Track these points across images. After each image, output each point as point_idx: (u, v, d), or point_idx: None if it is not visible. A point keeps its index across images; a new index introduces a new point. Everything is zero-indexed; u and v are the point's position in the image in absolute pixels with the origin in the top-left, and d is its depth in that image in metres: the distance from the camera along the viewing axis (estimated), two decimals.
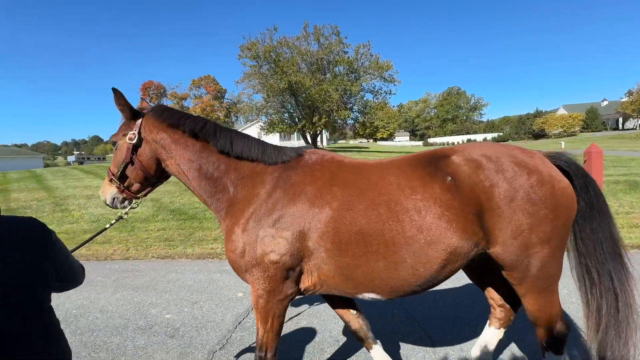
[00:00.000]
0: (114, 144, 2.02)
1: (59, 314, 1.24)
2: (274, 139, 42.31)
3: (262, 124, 30.16)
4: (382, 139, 74.42)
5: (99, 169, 18.73)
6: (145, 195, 2.09)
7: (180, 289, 4.18)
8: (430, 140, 73.90)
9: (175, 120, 1.94)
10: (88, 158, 69.50)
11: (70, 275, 1.35)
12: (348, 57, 27.26)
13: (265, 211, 1.75)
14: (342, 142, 75.43)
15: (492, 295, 2.17)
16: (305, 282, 1.78)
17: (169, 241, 6.64)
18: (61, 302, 3.97)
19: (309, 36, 27.80)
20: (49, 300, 1.23)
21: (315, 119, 27.29)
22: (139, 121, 1.94)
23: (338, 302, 2.15)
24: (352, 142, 77.76)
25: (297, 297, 1.87)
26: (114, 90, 1.92)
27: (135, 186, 2.02)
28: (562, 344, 1.80)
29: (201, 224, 7.82)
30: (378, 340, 2.22)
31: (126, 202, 2.05)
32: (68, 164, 61.28)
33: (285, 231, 1.69)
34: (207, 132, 1.92)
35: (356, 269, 1.67)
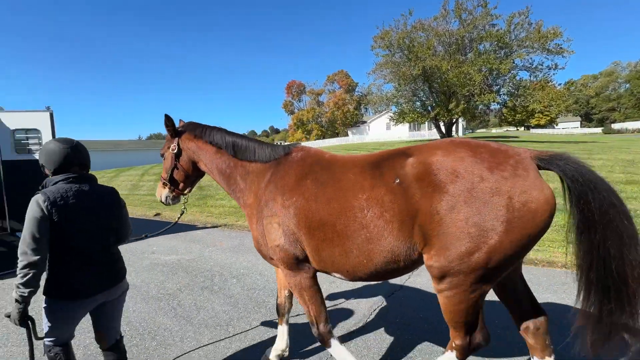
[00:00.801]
0: (162, 155, 2.60)
1: (231, 270, 1.59)
2: (402, 129, 41.13)
3: (391, 115, 29.63)
4: (539, 125, 60.86)
5: None
6: (190, 191, 2.64)
7: None
8: (616, 125, 55.47)
9: (199, 132, 2.46)
10: None
11: (125, 225, 2.15)
12: (497, 31, 23.20)
13: (264, 203, 2.09)
14: (481, 131, 65.87)
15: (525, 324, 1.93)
16: (310, 261, 2.04)
17: None
18: (232, 262, 5.02)
19: (449, 14, 25.12)
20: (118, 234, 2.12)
21: (451, 105, 24.72)
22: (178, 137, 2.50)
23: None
24: (495, 131, 66.82)
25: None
26: (166, 115, 2.46)
27: (181, 185, 2.56)
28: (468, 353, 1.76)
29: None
30: (288, 325, 2.55)
31: (176, 199, 2.62)
32: None
33: (277, 218, 2.01)
34: (217, 139, 2.39)
35: (321, 251, 1.91)
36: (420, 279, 3.94)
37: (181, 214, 2.87)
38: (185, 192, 2.62)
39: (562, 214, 1.62)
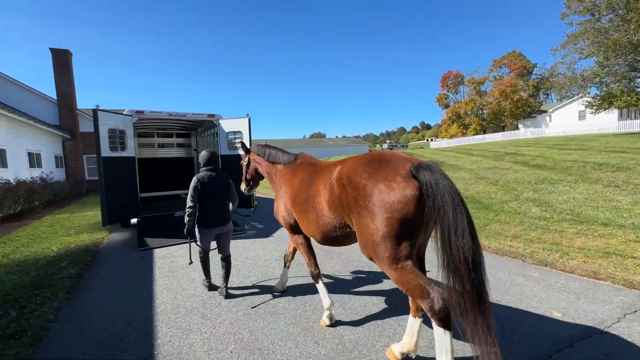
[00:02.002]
0: (241, 165, 4.34)
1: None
2: (606, 119, 30.09)
3: (589, 99, 22.38)
4: None
5: (404, 154, 22.29)
6: (256, 186, 4.39)
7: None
8: None
9: (256, 150, 4.08)
10: (395, 145, 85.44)
11: (234, 196, 4.08)
12: None
13: (279, 190, 3.47)
14: None
15: None
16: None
17: None
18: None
19: None
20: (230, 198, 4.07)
21: None
22: (249, 154, 4.21)
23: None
24: None
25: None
26: (241, 143, 4.25)
27: (252, 182, 4.29)
28: (440, 320, 1.98)
29: (497, 216, 7.14)
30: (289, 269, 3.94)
31: (250, 191, 4.33)
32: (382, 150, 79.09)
33: (282, 199, 3.32)
34: (263, 153, 3.95)
35: (300, 221, 3.04)
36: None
37: (255, 209, 5.38)
38: (255, 187, 4.36)
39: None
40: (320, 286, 3.19)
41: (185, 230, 3.75)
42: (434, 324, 2.00)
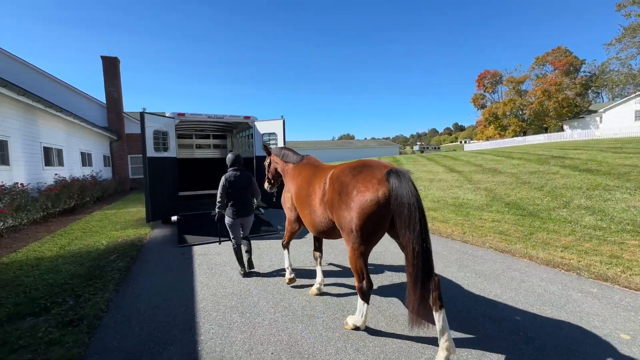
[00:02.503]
0: (263, 165, 5.14)
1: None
2: None
3: None
4: None
5: (437, 156, 21.56)
6: (277, 185, 4.87)
7: (528, 293, 3.73)
8: None
9: (275, 151, 4.58)
10: (427, 147, 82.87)
11: (255, 191, 4.80)
12: None
13: (287, 185, 4.16)
14: None
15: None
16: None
17: (504, 235, 6.25)
18: None
19: None
20: (252, 195, 4.83)
21: None
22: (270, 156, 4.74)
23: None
24: None
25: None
26: (265, 146, 4.71)
27: (272, 181, 4.81)
28: (363, 295, 2.87)
29: (544, 224, 6.65)
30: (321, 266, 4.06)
31: (272, 189, 4.86)
32: (413, 152, 76.56)
33: (288, 194, 4.02)
34: (280, 154, 4.48)
35: (300, 214, 3.67)
36: None
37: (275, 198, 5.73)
38: (276, 185, 4.84)
39: None
40: (285, 253, 4.27)
41: (216, 217, 4.69)
42: (358, 297, 2.93)
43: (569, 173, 10.62)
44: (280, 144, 8.06)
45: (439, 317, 2.41)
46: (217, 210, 4.62)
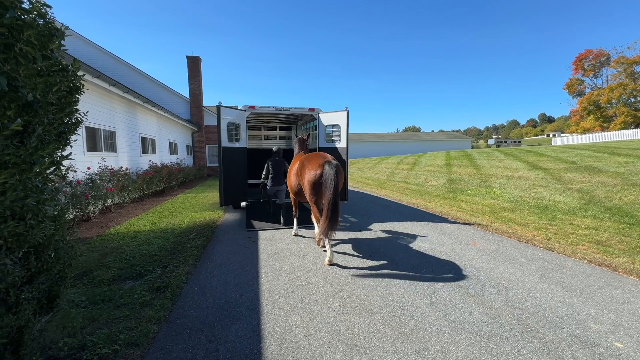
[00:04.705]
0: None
1: (489, 277, 1.42)
2: None
3: None
4: None
5: (517, 151, 19.13)
6: None
7: (634, 318, 3.11)
8: None
9: (295, 142, 6.97)
10: (505, 141, 74.35)
11: (285, 170, 7.49)
12: None
13: (292, 168, 6.01)
14: None
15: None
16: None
17: (603, 245, 5.29)
18: (490, 268, 4.47)
19: None
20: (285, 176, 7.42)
21: None
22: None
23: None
24: None
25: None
26: (299, 138, 6.93)
27: None
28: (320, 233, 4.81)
29: None
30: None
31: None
32: (487, 146, 69.17)
33: (290, 174, 5.98)
34: (295, 146, 6.90)
35: (295, 190, 5.75)
36: None
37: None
38: None
39: None
40: (294, 225, 6.37)
41: (261, 184, 7.56)
42: (322, 235, 4.59)
43: None
44: (344, 136, 8.04)
45: (327, 242, 4.58)
46: (262, 180, 7.47)
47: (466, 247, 5.46)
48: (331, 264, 4.61)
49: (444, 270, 4.42)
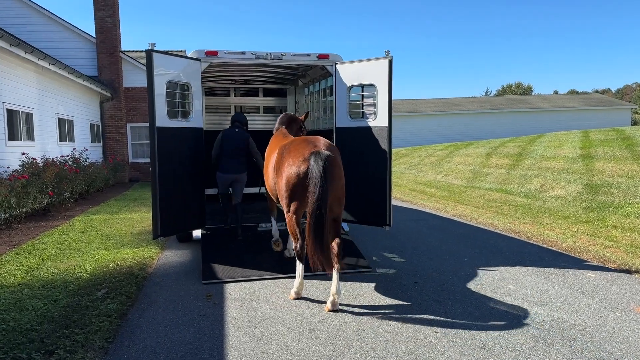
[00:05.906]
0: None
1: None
2: None
3: None
4: None
5: None
6: None
7: None
8: None
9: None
10: None
11: (251, 149, 5.14)
12: None
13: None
14: None
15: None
16: None
17: None
18: None
19: None
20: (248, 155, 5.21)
21: None
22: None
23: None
24: None
25: None
26: (284, 114, 5.12)
27: None
28: (297, 255, 3.57)
29: None
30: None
31: None
32: None
33: (271, 169, 4.15)
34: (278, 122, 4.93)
35: (270, 189, 4.17)
36: None
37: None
38: None
39: None
40: (273, 223, 4.71)
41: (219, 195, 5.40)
42: (296, 259, 3.53)
43: None
44: (383, 105, 4.52)
45: (335, 274, 3.21)
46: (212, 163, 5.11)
47: (624, 317, 3.11)
48: (334, 309, 3.21)
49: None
